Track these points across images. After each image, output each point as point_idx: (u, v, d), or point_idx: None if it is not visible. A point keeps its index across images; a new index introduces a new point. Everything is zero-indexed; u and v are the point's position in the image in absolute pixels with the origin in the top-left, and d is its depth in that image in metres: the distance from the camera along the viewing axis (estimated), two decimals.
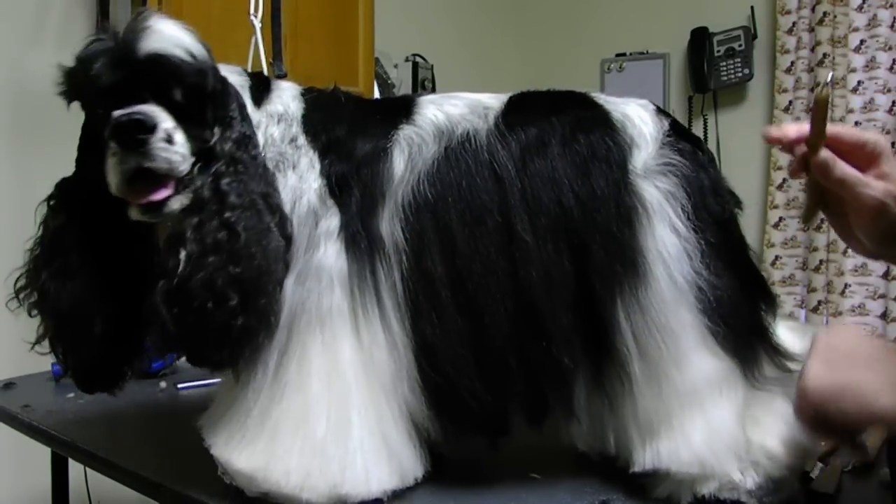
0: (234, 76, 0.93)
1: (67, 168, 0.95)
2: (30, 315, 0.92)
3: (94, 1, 2.05)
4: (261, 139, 0.91)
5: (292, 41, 2.10)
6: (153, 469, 1.00)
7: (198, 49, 0.84)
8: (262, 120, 0.93)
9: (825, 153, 0.81)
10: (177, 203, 0.84)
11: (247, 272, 0.82)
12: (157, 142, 0.80)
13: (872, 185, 0.81)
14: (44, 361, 1.47)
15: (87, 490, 1.71)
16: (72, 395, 1.37)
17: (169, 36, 0.82)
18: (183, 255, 0.82)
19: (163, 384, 1.43)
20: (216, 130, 0.87)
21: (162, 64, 0.81)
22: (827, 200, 0.86)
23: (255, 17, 1.09)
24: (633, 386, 0.88)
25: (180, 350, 0.86)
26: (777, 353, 0.91)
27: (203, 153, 0.86)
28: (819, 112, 0.81)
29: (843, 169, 0.81)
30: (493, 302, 0.87)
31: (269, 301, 0.84)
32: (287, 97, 0.95)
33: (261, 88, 0.95)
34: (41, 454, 1.43)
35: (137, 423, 1.22)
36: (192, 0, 1.96)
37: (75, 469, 1.47)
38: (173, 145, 0.82)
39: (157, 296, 0.82)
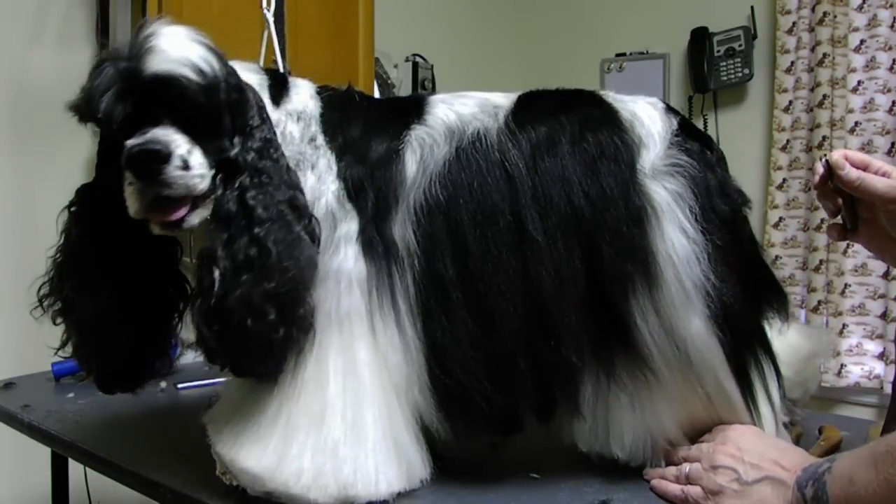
0: (252, 74, 0.93)
1: (67, 168, 0.95)
2: (54, 323, 0.92)
3: (94, 1, 2.05)
4: (279, 138, 0.90)
5: (292, 41, 2.10)
6: (153, 469, 1.00)
7: (207, 62, 0.81)
8: (282, 118, 0.92)
9: (853, 170, 0.89)
10: (196, 218, 0.84)
11: (282, 286, 0.81)
12: (173, 170, 0.80)
13: None
14: (44, 361, 1.47)
15: (87, 490, 1.71)
16: (72, 395, 1.37)
17: (174, 55, 0.79)
18: (217, 273, 0.81)
19: (163, 384, 1.43)
20: (236, 141, 0.85)
21: (169, 87, 0.79)
22: (857, 213, 0.93)
23: (268, 10, 1.07)
24: (652, 386, 0.89)
25: (225, 364, 0.85)
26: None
27: (225, 163, 0.85)
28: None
29: (874, 179, 0.89)
30: (503, 302, 0.87)
31: (307, 308, 0.84)
32: (305, 95, 0.95)
33: (279, 86, 0.95)
34: (41, 454, 1.43)
35: (137, 423, 1.22)
36: (192, 0, 1.96)
37: (75, 469, 1.47)
38: (190, 170, 0.81)
39: (196, 314, 0.82)
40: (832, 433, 1.07)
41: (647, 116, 0.93)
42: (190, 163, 0.81)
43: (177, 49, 0.80)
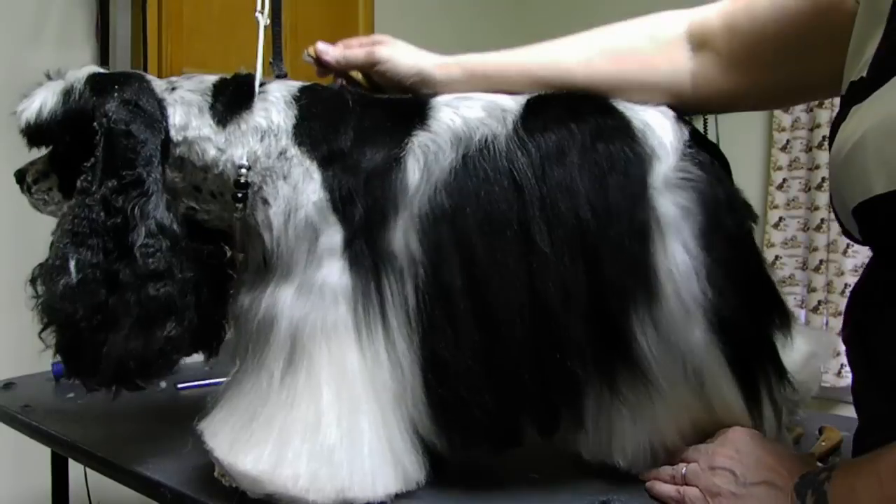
0: (193, 95, 0.92)
1: None
2: None
3: (94, 1, 2.05)
4: (243, 160, 0.90)
5: (292, 41, 2.09)
6: (153, 469, 1.00)
7: (38, 112, 0.94)
8: (235, 139, 0.90)
9: (333, 49, 1.00)
10: None
11: (42, 308, 0.89)
12: (23, 191, 1.00)
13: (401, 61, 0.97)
14: (44, 361, 1.47)
15: (87, 490, 1.72)
16: (72, 395, 1.37)
17: (27, 106, 0.94)
18: None
19: (163, 384, 1.43)
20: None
21: (24, 131, 0.96)
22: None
23: (262, 13, 1.04)
24: (653, 397, 0.88)
25: None
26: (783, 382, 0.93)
27: None
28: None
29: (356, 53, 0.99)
30: (509, 313, 0.85)
31: (84, 332, 0.87)
32: (273, 109, 0.91)
33: (235, 102, 0.92)
34: (41, 454, 1.43)
35: (137, 423, 1.22)
36: (192, 0, 1.96)
37: (75, 469, 1.47)
38: (32, 195, 1.00)
39: None
40: (832, 433, 1.07)
41: (660, 126, 0.90)
42: (32, 188, 0.99)
43: (32, 100, 0.95)
